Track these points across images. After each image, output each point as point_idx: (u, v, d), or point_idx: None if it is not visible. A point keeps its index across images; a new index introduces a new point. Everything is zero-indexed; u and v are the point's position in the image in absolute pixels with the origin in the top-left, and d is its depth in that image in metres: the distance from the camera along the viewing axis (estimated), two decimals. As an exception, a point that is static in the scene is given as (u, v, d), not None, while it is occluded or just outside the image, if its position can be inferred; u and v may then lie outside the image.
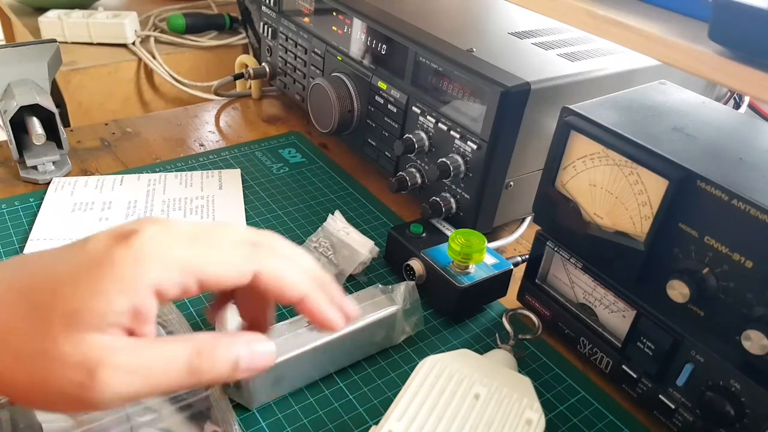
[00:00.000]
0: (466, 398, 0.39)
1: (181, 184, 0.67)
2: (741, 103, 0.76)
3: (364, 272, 0.57)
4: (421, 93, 0.61)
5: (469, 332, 0.53)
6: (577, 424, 0.46)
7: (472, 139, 0.56)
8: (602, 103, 0.47)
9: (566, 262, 0.50)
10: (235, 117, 0.84)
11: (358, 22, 0.66)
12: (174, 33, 1.08)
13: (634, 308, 0.46)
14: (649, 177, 0.42)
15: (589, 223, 0.47)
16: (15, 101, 0.61)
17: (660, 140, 0.43)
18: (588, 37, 0.66)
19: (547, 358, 0.51)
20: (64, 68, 0.94)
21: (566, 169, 0.47)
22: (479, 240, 0.51)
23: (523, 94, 0.54)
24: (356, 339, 0.47)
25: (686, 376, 0.43)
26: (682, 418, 0.44)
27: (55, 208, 0.61)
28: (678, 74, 0.50)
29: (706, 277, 0.40)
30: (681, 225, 0.41)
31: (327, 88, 0.68)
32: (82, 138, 0.75)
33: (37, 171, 0.66)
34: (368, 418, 0.45)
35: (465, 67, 0.56)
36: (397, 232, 0.57)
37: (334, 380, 0.47)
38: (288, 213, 0.65)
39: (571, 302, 0.51)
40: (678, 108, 0.48)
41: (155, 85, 1.06)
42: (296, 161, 0.74)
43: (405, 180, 0.62)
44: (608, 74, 0.59)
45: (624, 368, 0.47)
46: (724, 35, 0.38)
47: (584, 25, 0.47)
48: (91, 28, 1.03)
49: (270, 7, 0.81)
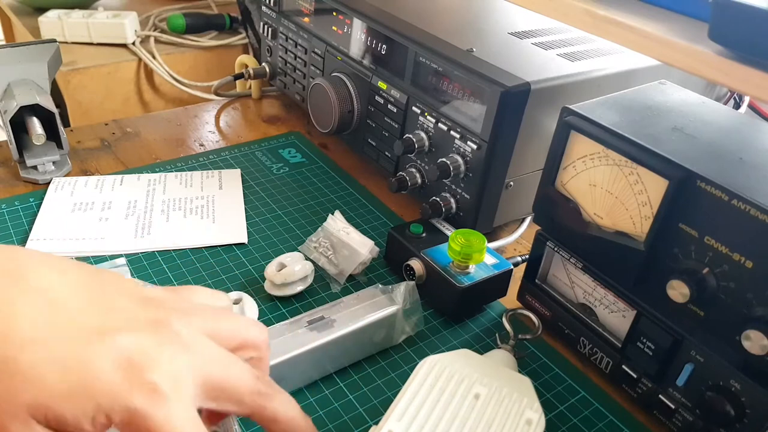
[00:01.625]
0: (466, 398, 0.39)
1: (181, 184, 0.67)
2: (741, 103, 0.76)
3: (364, 272, 0.57)
4: (421, 93, 0.61)
5: (469, 332, 0.53)
6: (577, 424, 0.46)
7: (472, 139, 0.56)
8: (602, 103, 0.47)
9: (566, 262, 0.50)
10: (235, 117, 0.84)
11: (358, 22, 0.66)
12: (174, 33, 1.08)
13: (634, 308, 0.46)
14: (649, 177, 0.42)
15: (589, 223, 0.47)
16: (15, 101, 0.61)
17: (660, 140, 0.43)
18: (588, 37, 0.66)
19: (547, 358, 0.51)
20: (64, 68, 0.94)
21: (566, 169, 0.47)
22: (479, 240, 0.51)
23: (523, 94, 0.54)
24: (356, 339, 0.47)
25: (686, 376, 0.43)
26: (682, 418, 0.44)
27: (55, 208, 0.61)
28: (678, 74, 0.50)
29: (706, 277, 0.40)
30: (681, 225, 0.41)
31: (327, 88, 0.68)
32: (82, 138, 0.75)
33: (37, 171, 0.66)
34: (368, 418, 0.45)
35: (465, 67, 0.56)
36: (397, 232, 0.57)
37: (334, 380, 0.47)
38: (288, 213, 0.65)
39: (571, 302, 0.51)
40: (678, 108, 0.48)
41: (155, 85, 1.06)
42: (296, 161, 0.74)
43: (405, 180, 0.62)
44: (608, 74, 0.59)
45: (624, 368, 0.47)
46: (724, 35, 0.38)
47: (584, 24, 0.47)
48: (91, 28, 1.03)
49: (270, 7, 0.81)
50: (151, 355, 0.28)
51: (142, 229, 0.60)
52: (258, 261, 0.58)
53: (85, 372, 0.27)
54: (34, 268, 0.29)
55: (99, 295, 0.30)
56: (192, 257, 0.57)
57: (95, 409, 0.27)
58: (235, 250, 0.59)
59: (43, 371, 0.26)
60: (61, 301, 0.28)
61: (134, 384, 0.27)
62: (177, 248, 0.58)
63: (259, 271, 0.56)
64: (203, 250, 0.58)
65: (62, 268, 0.30)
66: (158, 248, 0.58)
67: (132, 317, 0.30)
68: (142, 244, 0.58)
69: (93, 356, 0.27)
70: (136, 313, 0.30)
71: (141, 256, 0.57)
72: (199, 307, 0.34)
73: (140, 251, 0.57)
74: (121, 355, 0.28)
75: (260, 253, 0.59)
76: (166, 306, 0.32)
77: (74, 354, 0.27)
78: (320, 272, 0.57)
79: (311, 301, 0.54)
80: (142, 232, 0.59)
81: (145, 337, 0.29)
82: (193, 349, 0.30)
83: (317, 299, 0.54)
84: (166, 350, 0.29)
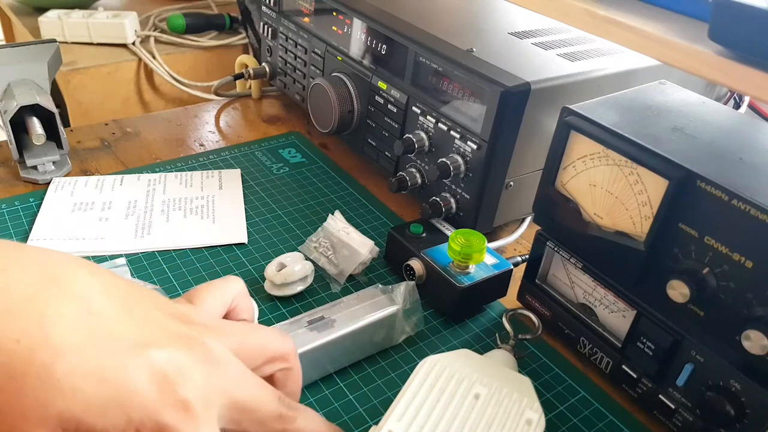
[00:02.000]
0: (466, 398, 0.39)
1: (181, 184, 0.67)
2: (741, 103, 0.76)
3: (364, 272, 0.57)
4: (421, 93, 0.61)
5: (469, 332, 0.53)
6: (577, 424, 0.46)
7: (472, 139, 0.56)
8: (602, 103, 0.47)
9: (566, 262, 0.50)
10: (235, 117, 0.84)
11: (358, 22, 0.66)
12: (174, 33, 1.08)
13: (634, 308, 0.46)
14: (649, 177, 0.42)
15: (589, 223, 0.47)
16: (15, 101, 0.61)
17: (660, 140, 0.43)
18: (588, 37, 0.66)
19: (547, 358, 0.51)
20: (64, 68, 0.94)
21: (566, 169, 0.47)
22: (479, 240, 0.51)
23: (523, 94, 0.54)
24: (356, 339, 0.47)
25: (686, 376, 0.43)
26: (682, 418, 0.44)
27: (55, 208, 0.61)
28: (678, 74, 0.50)
29: (706, 277, 0.40)
30: (681, 225, 0.41)
31: (327, 88, 0.68)
32: (82, 138, 0.75)
33: (37, 171, 0.66)
34: (368, 418, 0.45)
35: (465, 67, 0.56)
36: (397, 232, 0.57)
37: (334, 380, 0.47)
38: (288, 213, 0.65)
39: (571, 302, 0.51)
40: (678, 108, 0.48)
41: (155, 85, 1.06)
42: (296, 161, 0.74)
43: (405, 180, 0.62)
44: (608, 74, 0.59)
45: (624, 368, 0.47)
46: (724, 35, 0.38)
47: (584, 24, 0.47)
48: (91, 28, 1.03)
49: (270, 7, 0.81)
50: (185, 371, 0.28)
51: (142, 229, 0.60)
52: (258, 261, 0.58)
53: (121, 384, 0.26)
54: (73, 274, 0.28)
55: (134, 306, 0.30)
56: (192, 257, 0.57)
57: (126, 423, 0.26)
58: (235, 250, 0.59)
59: (79, 381, 0.26)
60: (99, 310, 0.28)
61: (167, 400, 0.27)
62: (177, 248, 0.58)
63: (259, 271, 0.56)
64: (203, 250, 0.58)
65: (100, 275, 0.30)
66: (158, 248, 0.58)
67: (166, 331, 0.30)
68: (142, 244, 0.58)
69: (129, 369, 0.27)
70: (170, 328, 0.30)
71: (141, 256, 0.57)
72: (227, 324, 0.34)
73: (140, 251, 0.57)
74: (156, 370, 0.27)
75: (260, 253, 0.59)
76: (196, 322, 0.32)
77: (111, 365, 0.26)
78: (320, 272, 0.57)
79: (311, 301, 0.54)
80: (142, 232, 0.59)
81: (179, 352, 0.29)
82: (223, 369, 0.30)
83: (317, 299, 0.54)
84: (198, 368, 0.29)
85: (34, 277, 0.27)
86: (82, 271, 0.29)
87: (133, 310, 0.29)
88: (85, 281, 0.29)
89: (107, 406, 0.26)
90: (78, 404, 0.25)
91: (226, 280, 0.38)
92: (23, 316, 0.26)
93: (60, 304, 0.27)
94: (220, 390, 0.29)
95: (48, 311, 0.26)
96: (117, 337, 0.27)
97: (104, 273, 0.30)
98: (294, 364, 0.36)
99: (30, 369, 0.25)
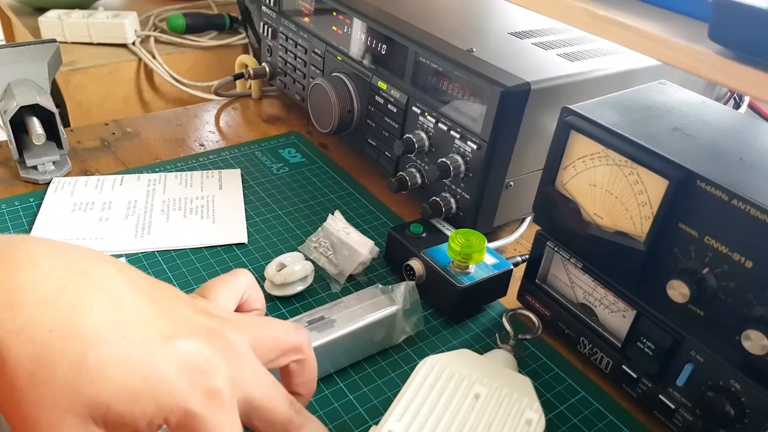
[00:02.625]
0: (466, 398, 0.39)
1: (181, 184, 0.67)
2: (741, 103, 0.76)
3: (364, 272, 0.57)
4: (421, 93, 0.61)
5: (469, 332, 0.53)
6: (577, 424, 0.46)
7: (472, 139, 0.56)
8: (602, 103, 0.47)
9: (566, 262, 0.50)
10: (235, 117, 0.84)
11: (358, 22, 0.66)
12: (174, 33, 1.08)
13: (634, 308, 0.46)
14: (649, 177, 0.42)
15: (589, 223, 0.47)
16: (15, 101, 0.61)
17: (660, 140, 0.43)
18: (588, 37, 0.66)
19: (547, 358, 0.51)
20: (64, 68, 0.94)
21: (566, 169, 0.47)
22: (479, 240, 0.51)
23: (523, 94, 0.54)
24: (356, 339, 0.47)
25: (686, 376, 0.43)
26: (682, 418, 0.44)
27: (55, 208, 0.61)
28: (678, 74, 0.50)
29: (706, 277, 0.40)
30: (681, 225, 0.41)
31: (327, 88, 0.68)
32: (82, 138, 0.75)
33: (37, 171, 0.66)
34: (368, 418, 0.45)
35: (465, 67, 0.56)
36: (397, 232, 0.57)
37: (334, 380, 0.47)
38: (288, 213, 0.65)
39: (571, 302, 0.51)
40: (678, 108, 0.48)
41: (155, 85, 1.06)
42: (296, 161, 0.74)
43: (405, 180, 0.62)
44: (608, 74, 0.59)
45: (624, 368, 0.47)
46: (724, 35, 0.38)
47: (584, 24, 0.47)
48: (91, 28, 1.03)
49: (270, 7, 0.81)
50: (213, 362, 0.29)
51: (142, 229, 0.60)
52: (258, 261, 0.58)
53: (151, 373, 0.27)
54: (102, 269, 0.29)
55: (159, 300, 0.30)
56: (192, 257, 0.57)
57: (155, 411, 0.27)
58: (235, 250, 0.59)
59: (110, 370, 0.26)
60: (127, 303, 0.29)
61: (197, 388, 0.28)
62: (177, 248, 0.58)
63: (259, 271, 0.56)
64: (203, 250, 0.58)
65: (127, 271, 0.31)
66: (158, 248, 0.58)
67: (191, 324, 0.30)
68: (142, 244, 0.58)
69: (159, 358, 0.27)
70: (195, 321, 0.31)
71: (141, 256, 0.57)
72: (243, 318, 0.35)
73: (140, 251, 0.57)
74: (185, 359, 0.28)
75: (260, 253, 0.59)
76: (216, 315, 0.32)
77: (141, 355, 0.27)
78: (320, 272, 0.57)
79: (311, 301, 0.54)
80: (142, 232, 0.59)
81: (205, 344, 0.29)
82: (244, 363, 0.31)
83: (317, 299, 0.54)
84: (223, 359, 0.30)
85: (64, 270, 0.28)
86: (110, 267, 0.30)
87: (159, 304, 0.30)
88: (113, 276, 0.29)
89: (137, 394, 0.27)
90: (108, 392, 0.26)
91: (235, 273, 0.39)
92: (55, 307, 0.26)
93: (90, 297, 0.28)
94: (240, 383, 0.30)
95: (79, 303, 0.27)
96: (145, 329, 0.28)
97: (130, 269, 0.31)
98: (308, 355, 0.37)
99: (62, 358, 0.26)
